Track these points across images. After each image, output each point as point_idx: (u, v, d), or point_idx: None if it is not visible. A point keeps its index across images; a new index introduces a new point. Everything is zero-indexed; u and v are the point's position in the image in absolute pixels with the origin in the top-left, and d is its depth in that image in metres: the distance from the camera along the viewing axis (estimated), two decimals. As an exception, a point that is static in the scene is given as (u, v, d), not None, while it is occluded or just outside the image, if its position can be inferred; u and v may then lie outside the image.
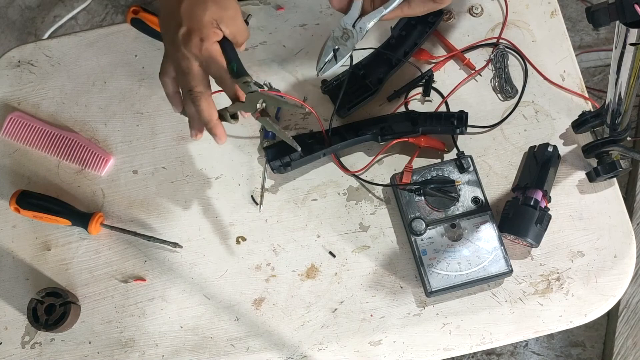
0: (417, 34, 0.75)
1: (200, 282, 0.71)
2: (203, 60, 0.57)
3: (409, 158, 0.73)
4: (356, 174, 0.73)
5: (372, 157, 0.73)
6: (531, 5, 0.79)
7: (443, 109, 0.76)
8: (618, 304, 1.17)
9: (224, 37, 0.59)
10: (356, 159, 0.74)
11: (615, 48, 0.55)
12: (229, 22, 0.58)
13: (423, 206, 0.70)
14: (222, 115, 0.60)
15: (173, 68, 0.60)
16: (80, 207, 0.73)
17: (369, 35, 0.78)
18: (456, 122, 0.71)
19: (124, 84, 0.78)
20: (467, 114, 0.71)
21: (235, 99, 0.59)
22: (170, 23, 0.58)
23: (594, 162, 0.71)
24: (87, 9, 1.59)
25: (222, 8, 0.58)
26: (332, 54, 0.60)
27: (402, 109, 0.76)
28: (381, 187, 0.73)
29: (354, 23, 0.59)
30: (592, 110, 0.74)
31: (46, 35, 1.55)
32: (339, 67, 0.60)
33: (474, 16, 0.79)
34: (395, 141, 0.71)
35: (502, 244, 0.68)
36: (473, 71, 0.77)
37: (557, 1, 0.80)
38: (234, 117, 0.61)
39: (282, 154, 0.70)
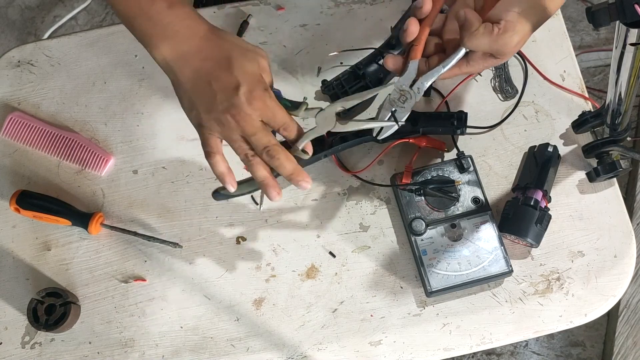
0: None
1: (201, 282, 0.71)
2: (269, 112, 0.55)
3: (409, 158, 0.73)
4: (356, 174, 0.73)
5: (372, 158, 0.73)
6: (531, 5, 0.79)
7: (443, 108, 0.76)
8: (618, 303, 1.17)
9: None
10: (357, 160, 0.74)
11: (616, 48, 0.55)
12: (267, 71, 0.57)
13: (423, 206, 0.70)
14: (295, 157, 0.58)
15: (226, 138, 0.57)
16: (80, 207, 0.73)
17: (369, 35, 0.79)
18: (456, 122, 0.71)
19: (124, 84, 0.78)
20: (466, 114, 0.71)
21: (300, 134, 0.58)
22: (219, 91, 0.55)
23: (594, 162, 0.71)
24: (87, 9, 1.59)
25: (261, 57, 0.57)
26: (389, 115, 0.58)
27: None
28: (381, 187, 0.73)
29: (411, 84, 0.58)
30: (592, 110, 0.74)
31: (46, 36, 1.55)
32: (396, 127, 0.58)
33: (474, 16, 0.79)
34: (396, 142, 0.71)
35: (502, 244, 0.68)
36: (473, 71, 0.77)
37: (557, 1, 0.80)
38: (305, 151, 0.59)
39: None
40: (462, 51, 0.57)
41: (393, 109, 0.58)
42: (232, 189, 0.60)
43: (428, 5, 0.57)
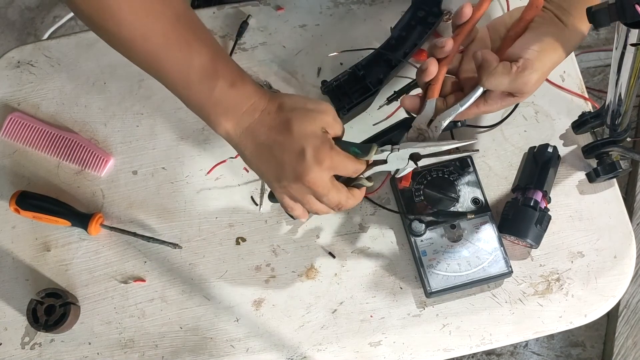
0: (417, 35, 0.75)
1: (200, 282, 0.71)
2: (339, 166, 0.55)
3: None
4: (367, 196, 0.72)
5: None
6: (531, 6, 0.79)
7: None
8: (618, 304, 1.17)
9: None
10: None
11: (616, 49, 0.55)
12: (333, 125, 0.56)
13: (423, 207, 0.70)
14: (358, 185, 0.59)
15: (299, 201, 0.57)
16: (80, 208, 0.73)
17: (369, 35, 0.79)
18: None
19: (123, 85, 0.78)
20: None
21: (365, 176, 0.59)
22: (286, 159, 0.54)
23: (594, 162, 0.71)
24: (87, 9, 1.59)
25: (323, 113, 0.56)
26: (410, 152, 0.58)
27: (402, 110, 0.76)
28: (381, 187, 0.73)
29: (429, 123, 0.58)
30: (592, 110, 0.74)
31: (46, 36, 1.55)
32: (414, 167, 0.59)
33: (474, 17, 0.78)
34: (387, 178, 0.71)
35: (501, 244, 0.68)
36: (473, 72, 0.77)
37: (557, 1, 0.80)
38: (369, 179, 0.60)
39: None
40: (480, 90, 0.57)
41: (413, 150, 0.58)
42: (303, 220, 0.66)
43: (449, 46, 0.57)
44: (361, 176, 0.59)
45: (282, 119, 0.55)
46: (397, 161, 0.58)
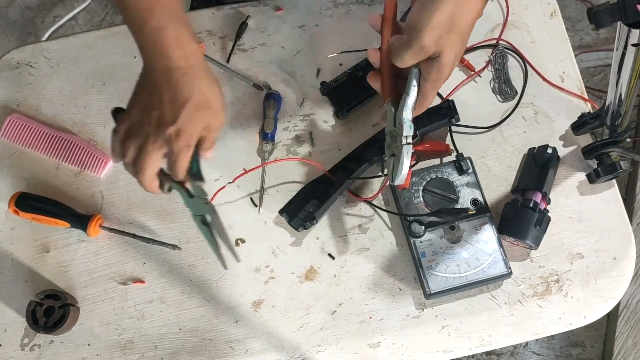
0: (416, 35, 0.75)
1: (199, 284, 0.71)
2: (172, 155, 0.55)
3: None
4: (369, 200, 0.72)
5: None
6: (530, 6, 0.79)
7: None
8: (618, 304, 1.17)
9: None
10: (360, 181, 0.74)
11: (617, 49, 0.55)
12: (215, 128, 0.57)
13: (422, 208, 0.70)
14: (161, 182, 0.59)
15: (132, 130, 0.57)
16: (79, 209, 0.73)
17: (369, 36, 0.78)
18: (445, 112, 0.71)
19: (122, 86, 0.77)
20: (452, 101, 0.71)
21: (180, 182, 0.59)
22: (156, 110, 0.55)
23: (594, 163, 0.71)
24: (87, 9, 1.59)
25: (215, 115, 0.56)
26: (392, 160, 0.59)
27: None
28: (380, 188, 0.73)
29: (394, 123, 0.59)
30: (591, 111, 0.74)
31: (46, 36, 1.55)
32: (407, 165, 0.58)
33: (474, 17, 0.78)
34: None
35: (501, 246, 0.68)
36: (472, 72, 0.77)
37: (556, 2, 0.80)
38: (169, 190, 0.60)
39: (299, 210, 0.69)
40: (414, 72, 0.57)
41: (392, 153, 0.59)
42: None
43: (373, 57, 0.59)
44: (167, 182, 0.59)
45: (187, 92, 0.55)
46: (195, 207, 0.60)
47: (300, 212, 0.69)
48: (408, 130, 0.58)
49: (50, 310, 0.68)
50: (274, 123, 0.75)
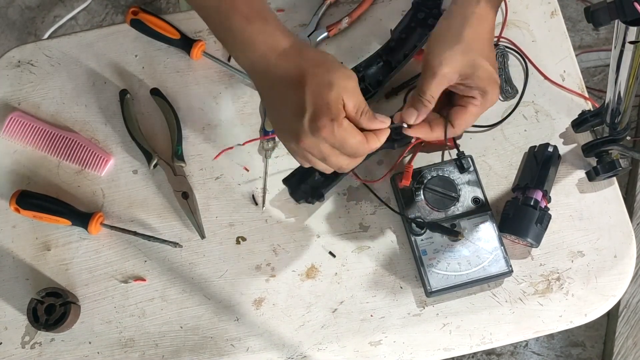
0: (417, 37, 0.75)
1: (200, 282, 0.71)
2: (336, 142, 0.52)
3: (409, 156, 0.73)
4: (370, 182, 0.73)
5: (386, 166, 0.73)
6: (531, 5, 0.79)
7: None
8: (618, 304, 1.17)
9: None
10: (366, 165, 0.74)
11: (615, 47, 0.55)
12: (352, 95, 0.52)
13: (423, 206, 0.70)
14: None
15: (298, 158, 0.56)
16: (80, 207, 0.73)
17: (369, 37, 0.79)
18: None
19: (124, 84, 0.78)
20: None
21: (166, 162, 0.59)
22: (288, 114, 0.52)
23: (593, 161, 0.71)
24: (87, 9, 1.59)
25: (345, 78, 0.51)
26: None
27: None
28: (381, 187, 0.73)
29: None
30: (592, 109, 0.74)
31: (46, 36, 1.55)
32: None
33: (474, 16, 0.78)
34: (410, 146, 0.70)
35: (502, 244, 0.68)
36: (473, 71, 0.77)
37: (557, 1, 0.80)
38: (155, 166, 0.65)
39: (303, 181, 0.68)
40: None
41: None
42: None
43: (410, 116, 0.60)
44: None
45: (297, 72, 0.52)
46: (177, 184, 0.67)
47: (303, 184, 0.68)
48: None
49: (51, 308, 0.68)
50: None
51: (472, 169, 0.71)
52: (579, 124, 0.72)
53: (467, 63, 0.58)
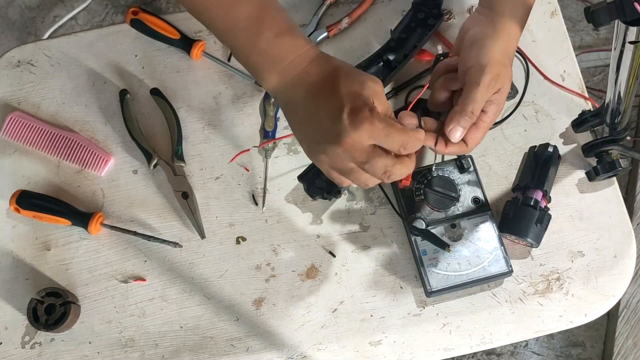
0: (417, 37, 0.75)
1: (200, 282, 0.71)
2: (380, 134, 0.51)
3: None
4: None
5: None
6: (531, 5, 0.79)
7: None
8: (618, 304, 1.17)
9: None
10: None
11: (615, 47, 0.55)
12: (381, 98, 0.53)
13: (424, 206, 0.70)
14: None
15: (339, 171, 0.54)
16: (80, 207, 0.73)
17: (369, 37, 0.79)
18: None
19: (124, 84, 0.78)
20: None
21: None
22: (325, 116, 0.51)
23: (593, 161, 0.71)
24: (87, 9, 1.59)
25: (373, 81, 0.52)
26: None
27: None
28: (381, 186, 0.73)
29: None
30: (592, 109, 0.74)
31: (46, 35, 1.55)
32: None
33: (474, 16, 0.78)
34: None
35: (502, 244, 0.68)
36: (473, 71, 0.77)
37: (557, 1, 0.80)
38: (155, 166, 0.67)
39: (317, 176, 0.67)
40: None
41: None
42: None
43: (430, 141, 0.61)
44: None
45: (329, 74, 0.53)
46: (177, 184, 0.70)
47: (318, 180, 0.67)
48: None
49: (51, 308, 0.68)
50: (275, 121, 0.75)
51: (472, 169, 0.71)
52: (579, 124, 0.72)
53: (502, 75, 0.60)
